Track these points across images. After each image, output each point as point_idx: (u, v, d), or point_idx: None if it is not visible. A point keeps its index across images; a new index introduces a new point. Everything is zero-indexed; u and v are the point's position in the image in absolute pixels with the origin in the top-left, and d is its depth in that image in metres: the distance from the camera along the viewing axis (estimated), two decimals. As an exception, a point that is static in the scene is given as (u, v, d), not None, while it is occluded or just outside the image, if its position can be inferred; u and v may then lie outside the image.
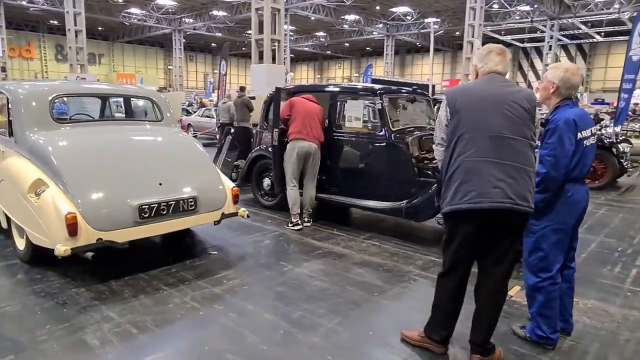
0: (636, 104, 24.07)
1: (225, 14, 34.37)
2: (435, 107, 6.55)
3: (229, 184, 4.34)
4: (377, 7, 34.03)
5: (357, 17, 35.28)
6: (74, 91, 4.63)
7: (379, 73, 49.31)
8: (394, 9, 34.47)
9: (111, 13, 32.66)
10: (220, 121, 10.86)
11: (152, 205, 3.66)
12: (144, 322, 2.99)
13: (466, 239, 2.38)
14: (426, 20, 36.81)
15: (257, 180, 6.09)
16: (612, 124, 9.10)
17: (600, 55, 40.46)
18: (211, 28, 38.51)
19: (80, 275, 3.70)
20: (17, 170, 3.76)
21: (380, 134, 4.93)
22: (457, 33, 40.52)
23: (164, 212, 3.74)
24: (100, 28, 39.53)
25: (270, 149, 5.83)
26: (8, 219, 4.06)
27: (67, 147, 3.82)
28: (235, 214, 4.27)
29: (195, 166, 4.26)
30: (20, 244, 3.98)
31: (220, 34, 39.82)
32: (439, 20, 36.78)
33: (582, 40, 38.29)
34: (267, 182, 5.95)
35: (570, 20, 31.44)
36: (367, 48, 47.77)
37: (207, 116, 15.65)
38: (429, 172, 4.80)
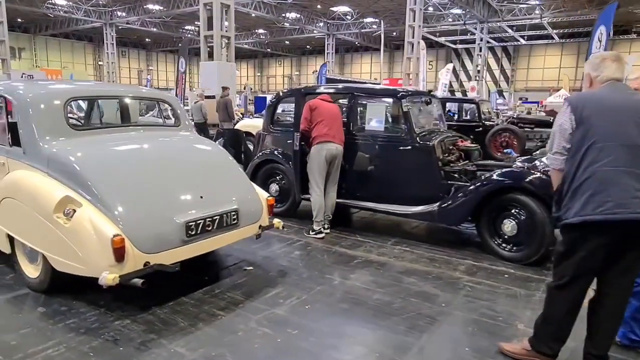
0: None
1: (161, 8, 32.80)
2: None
3: (263, 194, 4.04)
4: (319, 6, 34.12)
5: (298, 15, 35.14)
6: (90, 93, 4.05)
7: (319, 71, 49.56)
8: (334, 8, 34.71)
9: (33, 3, 29.95)
10: (194, 122, 10.29)
11: (199, 222, 3.29)
12: (222, 355, 2.67)
13: (596, 250, 2.33)
14: (365, 20, 37.49)
15: (263, 186, 5.75)
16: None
17: (523, 57, 43.33)
18: (145, 22, 36.62)
19: (114, 304, 3.25)
20: (34, 186, 3.22)
21: (404, 137, 4.82)
22: (395, 34, 41.70)
23: (210, 228, 3.38)
24: (19, 20, 36.17)
25: (277, 152, 5.58)
26: (12, 243, 3.50)
27: (94, 157, 3.34)
28: (271, 226, 3.98)
29: (228, 175, 3.91)
30: (32, 271, 3.44)
31: (155, 29, 38.05)
32: (377, 20, 37.55)
33: (507, 43, 40.79)
34: (274, 187, 5.64)
35: (497, 24, 33.35)
36: (308, 46, 47.76)
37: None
38: (455, 175, 4.78)
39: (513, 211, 4.23)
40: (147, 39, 43.96)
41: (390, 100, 5.00)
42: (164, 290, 3.45)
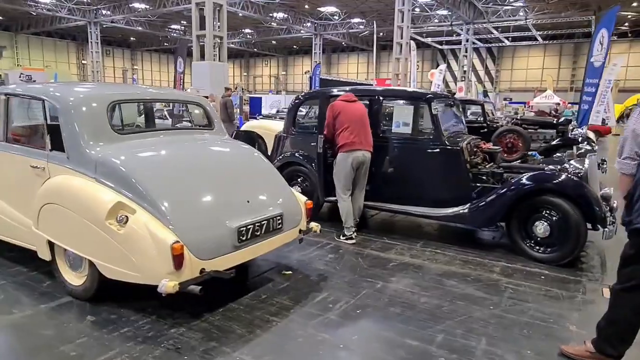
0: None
1: (147, 6, 32.32)
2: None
3: (301, 197, 4.01)
4: (306, 6, 34.08)
5: (286, 15, 35.04)
6: (131, 96, 3.95)
7: (307, 71, 49.50)
8: (321, 9, 34.73)
9: (15, 1, 29.22)
10: None
11: (249, 226, 3.26)
12: (291, 363, 2.64)
13: None
14: (353, 21, 37.61)
15: (284, 189, 5.73)
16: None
17: (506, 58, 44.01)
18: (131, 21, 36.06)
19: (163, 311, 3.19)
20: (82, 192, 3.14)
21: (433, 139, 4.85)
22: (381, 34, 41.91)
23: (258, 233, 3.35)
24: (0, 17, 35.27)
25: (299, 154, 5.56)
26: (52, 250, 3.41)
27: (143, 162, 3.27)
28: (309, 230, 3.96)
29: (269, 179, 3.87)
30: (74, 278, 3.35)
31: (140, 28, 37.46)
32: (364, 21, 37.70)
33: (492, 44, 41.38)
34: (296, 190, 5.60)
35: (483, 25, 33.82)
36: (294, 46, 47.69)
37: (160, 117, 14.52)
38: (483, 177, 4.83)
39: (544, 213, 4.30)
40: (131, 38, 43.32)
41: (418, 102, 5.01)
42: (209, 297, 3.40)
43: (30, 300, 3.34)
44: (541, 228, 4.27)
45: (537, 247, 4.35)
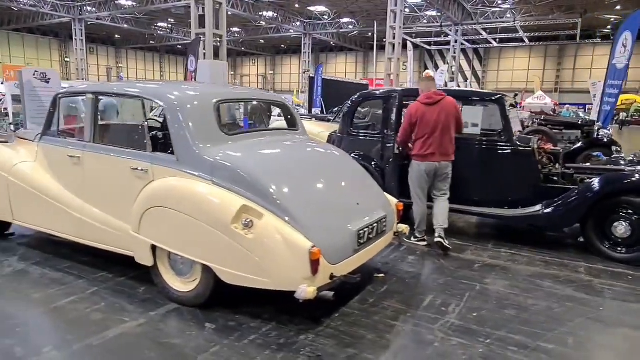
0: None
1: (133, 3, 31.70)
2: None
3: (392, 199, 3.95)
4: (297, 5, 33.97)
5: (275, 14, 34.83)
6: (230, 96, 3.79)
7: (295, 71, 49.38)
8: (311, 8, 34.66)
9: (-4, -4, 28.27)
10: None
11: (365, 229, 3.19)
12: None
13: None
14: (342, 20, 37.66)
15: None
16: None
17: (493, 59, 44.77)
18: (117, 18, 35.30)
19: (281, 317, 3.09)
20: (200, 195, 3.00)
21: (503, 140, 4.85)
22: (370, 34, 42.08)
23: (372, 236, 3.29)
24: (-21, 13, 34.10)
25: (357, 155, 5.47)
26: (154, 254, 3.27)
27: (262, 164, 3.16)
28: (400, 232, 3.90)
29: (365, 181, 3.80)
30: (180, 285, 3.22)
31: (126, 25, 36.72)
32: (353, 21, 37.79)
33: (479, 45, 42.00)
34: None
35: (471, 26, 34.30)
36: (282, 46, 47.48)
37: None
38: (554, 178, 4.85)
39: (622, 213, 4.33)
40: (116, 36, 42.40)
41: (488, 103, 5.00)
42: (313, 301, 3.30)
43: (135, 307, 3.19)
44: (622, 228, 4.30)
45: (618, 248, 4.38)
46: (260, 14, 34.04)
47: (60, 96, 3.96)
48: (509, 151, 4.82)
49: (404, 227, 3.93)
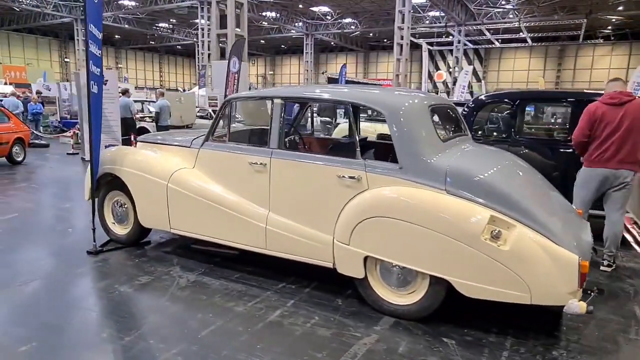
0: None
1: (136, 4, 31.23)
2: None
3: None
4: (300, 6, 33.82)
5: (277, 14, 34.61)
6: (433, 100, 3.67)
7: (294, 71, 49.19)
8: (314, 8, 34.56)
9: (-2, -4, 27.60)
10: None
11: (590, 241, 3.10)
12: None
13: None
14: (344, 21, 37.61)
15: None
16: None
17: (493, 59, 45.06)
18: (118, 19, 34.75)
19: (504, 329, 2.98)
20: (440, 206, 2.85)
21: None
22: (371, 35, 42.14)
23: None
24: (-22, 13, 33.26)
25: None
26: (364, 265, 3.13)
27: (497, 173, 3.05)
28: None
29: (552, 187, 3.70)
30: (395, 297, 3.10)
31: (127, 26, 36.16)
32: (355, 21, 37.77)
33: (479, 46, 42.31)
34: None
35: (474, 27, 34.55)
36: (282, 46, 47.22)
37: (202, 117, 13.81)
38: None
39: None
40: (116, 36, 41.73)
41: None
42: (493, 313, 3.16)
43: (352, 321, 3.05)
44: None
45: None
46: (263, 14, 33.83)
47: (232, 101, 3.79)
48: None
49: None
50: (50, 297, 3.33)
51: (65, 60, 40.08)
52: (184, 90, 31.83)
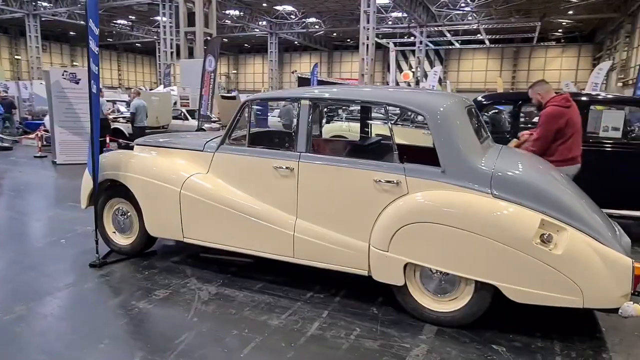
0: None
1: (94, -1, 29.91)
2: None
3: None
4: (264, 4, 33.47)
5: (241, 12, 34.11)
6: (464, 101, 3.57)
7: (259, 70, 48.67)
8: (278, 7, 34.31)
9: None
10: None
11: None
12: None
13: None
14: (308, 20, 37.54)
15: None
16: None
17: (453, 60, 46.17)
18: (74, 14, 33.20)
19: (548, 333, 2.96)
20: (485, 209, 2.78)
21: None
22: (335, 34, 42.23)
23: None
24: None
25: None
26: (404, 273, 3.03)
27: (541, 176, 3.01)
28: None
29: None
30: (436, 305, 3.02)
31: (83, 22, 34.38)
32: (319, 20, 37.78)
33: (440, 47, 43.26)
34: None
35: (435, 28, 35.32)
36: (246, 45, 46.59)
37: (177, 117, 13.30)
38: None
39: None
40: (71, 33, 39.83)
41: (631, 106, 5.07)
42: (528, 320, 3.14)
43: (396, 331, 2.94)
44: None
45: None
46: (226, 12, 33.25)
47: (251, 103, 3.59)
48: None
49: None
50: (61, 322, 3.03)
51: (16, 57, 37.90)
52: (148, 90, 30.70)
